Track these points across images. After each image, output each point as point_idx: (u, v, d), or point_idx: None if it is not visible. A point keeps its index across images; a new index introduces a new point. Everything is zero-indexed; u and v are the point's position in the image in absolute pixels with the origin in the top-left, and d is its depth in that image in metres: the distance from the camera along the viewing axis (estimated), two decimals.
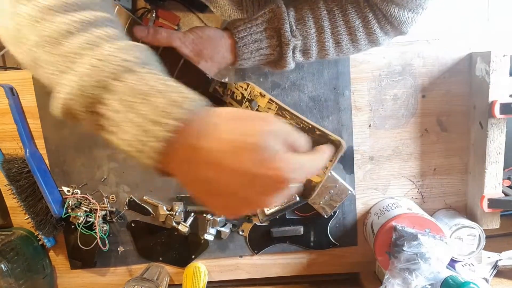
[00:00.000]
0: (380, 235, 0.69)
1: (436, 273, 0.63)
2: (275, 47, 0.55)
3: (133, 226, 0.79)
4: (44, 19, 0.32)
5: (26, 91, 0.74)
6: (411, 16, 0.55)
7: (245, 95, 0.46)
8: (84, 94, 0.31)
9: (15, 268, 0.73)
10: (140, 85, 0.30)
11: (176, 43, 0.50)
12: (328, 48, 0.57)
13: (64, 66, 0.32)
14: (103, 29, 0.34)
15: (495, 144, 0.69)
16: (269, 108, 0.44)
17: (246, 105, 0.46)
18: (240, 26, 0.54)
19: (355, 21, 0.55)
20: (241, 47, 0.54)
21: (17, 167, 0.74)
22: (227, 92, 0.47)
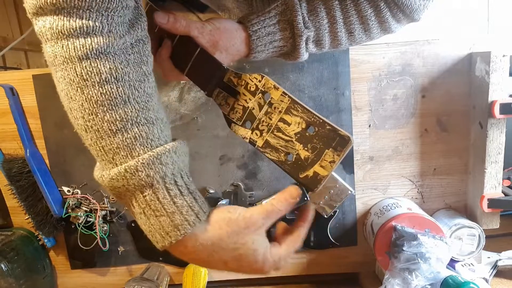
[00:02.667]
0: (380, 235, 0.69)
1: (436, 273, 0.63)
2: (288, 39, 0.55)
3: (133, 226, 0.79)
4: (93, 113, 0.38)
5: (26, 91, 0.74)
6: (422, 3, 0.55)
7: (259, 87, 0.46)
8: (114, 191, 0.39)
9: (15, 268, 0.73)
10: (154, 202, 0.38)
11: (194, 32, 0.51)
12: (341, 37, 0.57)
13: (103, 157, 0.39)
14: (141, 127, 0.39)
15: (495, 144, 0.69)
16: (281, 101, 0.45)
17: (259, 96, 0.46)
18: (253, 19, 0.54)
19: (367, 10, 0.55)
20: (255, 40, 0.54)
21: (18, 167, 0.74)
22: (241, 83, 0.47)
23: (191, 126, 0.75)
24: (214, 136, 0.75)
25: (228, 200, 0.77)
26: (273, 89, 0.46)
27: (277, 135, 0.45)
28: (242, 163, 0.77)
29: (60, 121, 0.75)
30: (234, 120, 0.47)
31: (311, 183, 0.43)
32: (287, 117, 0.45)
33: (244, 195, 0.77)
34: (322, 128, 0.43)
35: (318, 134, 0.43)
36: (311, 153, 0.43)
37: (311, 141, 0.43)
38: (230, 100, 0.48)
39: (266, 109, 0.46)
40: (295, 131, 0.44)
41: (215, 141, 0.76)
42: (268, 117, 0.45)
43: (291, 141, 0.44)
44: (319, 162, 0.43)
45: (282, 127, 0.45)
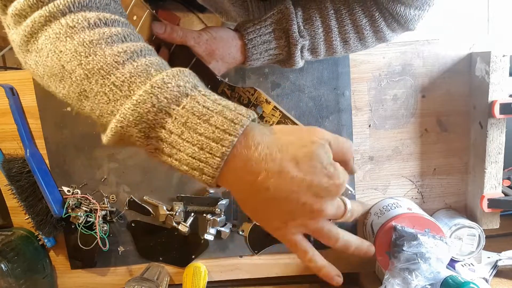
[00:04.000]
0: (380, 235, 0.69)
1: (436, 273, 0.63)
2: (283, 47, 0.56)
3: (133, 226, 0.79)
4: (90, 54, 0.33)
5: (26, 91, 0.74)
6: (417, 14, 0.55)
7: (251, 100, 0.48)
8: (142, 120, 0.32)
9: (15, 268, 0.73)
10: (197, 107, 0.32)
11: (190, 42, 0.51)
12: (336, 46, 0.58)
13: (117, 95, 0.33)
14: (148, 58, 0.35)
15: (495, 144, 0.69)
16: (273, 115, 0.46)
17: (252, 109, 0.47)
18: (249, 27, 0.55)
19: (362, 20, 0.56)
20: (250, 49, 0.55)
21: (18, 167, 0.74)
22: (234, 95, 0.48)
23: None
24: None
25: (228, 200, 0.77)
26: (265, 103, 0.47)
27: None
28: None
29: (60, 121, 0.75)
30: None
31: None
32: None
33: None
34: None
35: None
36: None
37: None
38: None
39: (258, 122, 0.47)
40: None
41: None
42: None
43: None
44: None
45: None
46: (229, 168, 0.32)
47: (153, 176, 0.77)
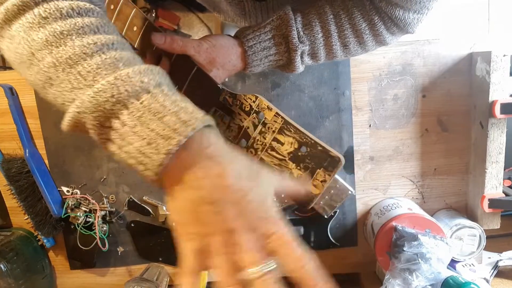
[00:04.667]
0: (381, 236, 0.69)
1: (436, 274, 0.63)
2: (283, 53, 0.56)
3: (133, 226, 0.79)
4: (60, 44, 0.34)
5: (26, 91, 0.74)
6: (416, 17, 0.55)
7: (253, 107, 0.48)
8: (99, 108, 0.32)
9: (14, 269, 0.73)
10: (155, 104, 0.32)
11: (191, 51, 0.52)
12: (336, 51, 0.58)
13: (81, 83, 0.33)
14: (119, 52, 0.35)
15: (496, 144, 0.69)
16: (275, 121, 0.46)
17: (253, 116, 0.48)
18: (249, 34, 0.55)
19: (361, 24, 0.56)
20: (250, 55, 0.55)
21: (17, 167, 0.74)
22: (236, 103, 0.49)
23: None
24: None
25: None
26: (266, 110, 0.47)
27: (271, 154, 0.46)
28: None
29: (60, 121, 0.74)
30: (230, 139, 0.49)
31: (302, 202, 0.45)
32: (280, 136, 0.46)
33: None
34: (314, 148, 0.45)
35: (310, 154, 0.45)
36: (303, 172, 0.45)
37: (304, 160, 0.45)
38: (226, 119, 0.50)
39: (260, 129, 0.47)
40: (288, 150, 0.46)
41: None
42: (262, 136, 0.47)
43: (285, 160, 0.46)
44: (311, 181, 0.45)
45: (276, 146, 0.46)
46: (173, 168, 0.32)
47: None
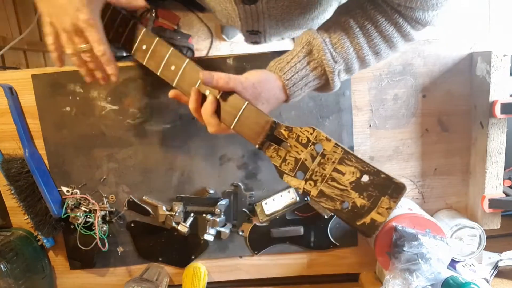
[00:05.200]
0: (381, 236, 0.69)
1: (436, 274, 0.63)
2: (321, 76, 0.57)
3: (133, 227, 0.79)
4: None
5: (26, 91, 0.74)
6: (435, 13, 0.55)
7: (310, 139, 0.48)
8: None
9: (14, 269, 0.73)
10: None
11: (238, 88, 0.53)
12: (369, 60, 0.58)
13: None
14: None
15: (496, 144, 0.69)
16: (334, 152, 0.46)
17: (311, 148, 0.47)
18: (285, 67, 0.57)
19: (389, 29, 0.56)
20: (291, 87, 0.57)
21: (17, 167, 0.74)
22: (292, 136, 0.49)
23: (191, 126, 0.75)
24: (214, 136, 0.75)
25: (227, 200, 0.77)
26: (325, 141, 0.47)
27: (332, 185, 0.46)
28: (242, 163, 0.76)
29: (59, 121, 0.75)
30: (286, 172, 0.48)
31: (368, 229, 0.44)
32: (341, 167, 0.46)
33: (244, 195, 0.77)
34: (377, 176, 0.45)
35: (373, 182, 0.45)
36: (367, 201, 0.44)
37: (367, 189, 0.45)
38: (282, 153, 0.49)
39: (319, 160, 0.47)
40: (350, 180, 0.45)
41: (215, 141, 0.76)
42: (321, 168, 0.47)
43: (346, 190, 0.45)
44: (376, 209, 0.44)
45: (337, 177, 0.46)
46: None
47: (152, 176, 0.77)
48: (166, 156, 0.76)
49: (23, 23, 1.34)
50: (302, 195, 0.48)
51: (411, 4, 0.52)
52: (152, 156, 0.76)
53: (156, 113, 0.74)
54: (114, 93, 0.74)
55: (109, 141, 0.75)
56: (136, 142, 0.75)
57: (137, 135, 0.75)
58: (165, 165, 0.76)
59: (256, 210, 0.77)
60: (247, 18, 0.66)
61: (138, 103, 0.74)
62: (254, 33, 0.73)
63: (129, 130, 0.75)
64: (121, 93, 0.74)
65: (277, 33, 0.73)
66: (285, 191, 0.76)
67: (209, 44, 1.73)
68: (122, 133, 0.75)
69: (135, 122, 0.75)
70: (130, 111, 0.74)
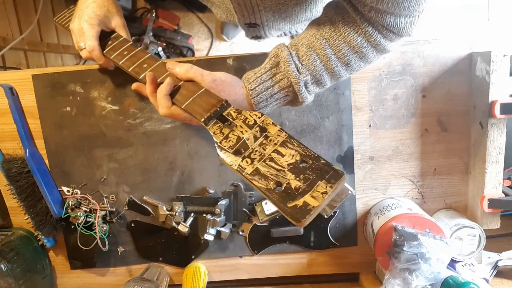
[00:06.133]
0: (380, 235, 0.69)
1: (436, 273, 0.63)
2: (287, 88, 0.57)
3: (133, 226, 0.79)
4: None
5: (26, 91, 0.74)
6: (409, 21, 0.54)
7: (257, 122, 0.48)
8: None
9: (15, 268, 0.73)
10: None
11: (197, 78, 0.54)
12: (339, 72, 0.58)
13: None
14: None
15: (495, 144, 0.69)
16: (278, 135, 0.46)
17: (256, 129, 0.47)
18: (251, 78, 0.58)
19: (357, 39, 0.56)
20: (255, 97, 0.58)
21: (17, 167, 0.74)
22: (240, 117, 0.49)
23: (191, 126, 0.75)
24: None
25: (228, 200, 0.77)
26: (271, 125, 0.47)
27: (269, 164, 0.45)
28: None
29: (60, 121, 0.75)
30: (225, 148, 0.48)
31: (299, 212, 0.41)
32: (282, 149, 0.45)
33: (244, 195, 0.77)
34: (317, 161, 0.43)
35: (312, 166, 0.43)
36: (303, 183, 0.42)
37: (304, 172, 0.43)
38: (225, 130, 0.49)
39: (261, 141, 0.46)
40: (289, 162, 0.44)
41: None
42: (262, 148, 0.46)
43: (283, 171, 0.44)
44: (311, 192, 0.42)
45: (275, 157, 0.45)
46: None
47: (152, 176, 0.77)
48: (167, 156, 0.76)
49: (23, 23, 1.34)
50: (237, 170, 0.46)
51: (381, 6, 0.51)
52: (152, 156, 0.76)
53: (156, 113, 0.75)
54: (115, 93, 0.74)
55: (109, 141, 0.75)
56: (136, 142, 0.76)
57: (138, 135, 0.75)
58: (165, 165, 0.77)
59: (256, 210, 0.77)
60: (242, 10, 0.66)
61: (139, 103, 0.74)
62: (253, 26, 0.73)
63: (130, 130, 0.75)
64: (122, 93, 0.74)
65: (276, 26, 0.73)
66: None
67: (209, 44, 1.73)
68: (122, 133, 0.75)
69: (135, 122, 0.75)
70: (130, 111, 0.74)
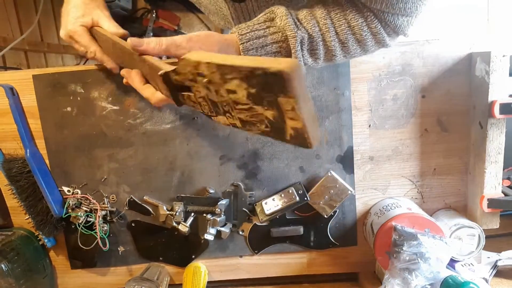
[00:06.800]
0: (380, 235, 0.69)
1: (435, 273, 0.63)
2: (280, 42, 0.53)
3: (133, 226, 0.79)
4: None
5: (26, 91, 0.74)
6: (406, 20, 0.55)
7: (192, 72, 0.40)
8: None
9: (15, 268, 0.73)
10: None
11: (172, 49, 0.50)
12: (335, 48, 0.56)
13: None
14: None
15: (495, 144, 0.69)
16: (212, 73, 0.38)
17: (200, 79, 0.40)
18: (242, 26, 0.54)
19: (358, 20, 0.55)
20: (245, 43, 0.52)
21: (18, 167, 0.74)
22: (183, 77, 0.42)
23: (191, 126, 0.75)
24: (214, 136, 0.75)
25: (228, 200, 0.77)
26: (199, 65, 0.39)
27: (240, 108, 0.38)
28: (242, 163, 0.77)
29: (60, 121, 0.75)
30: (209, 114, 0.43)
31: (300, 140, 0.36)
32: (229, 85, 0.37)
33: (244, 195, 0.77)
34: (255, 77, 0.34)
35: (259, 86, 0.35)
36: (273, 109, 0.35)
37: (262, 96, 0.35)
38: (194, 97, 0.44)
39: (213, 89, 0.39)
40: (244, 95, 0.37)
41: (215, 141, 0.76)
42: (220, 96, 0.39)
43: (252, 108, 0.37)
44: (286, 115, 0.35)
45: (236, 98, 0.38)
46: None
47: (153, 176, 0.77)
48: (167, 156, 0.76)
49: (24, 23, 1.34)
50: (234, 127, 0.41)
51: (377, 6, 0.51)
52: (152, 156, 0.76)
53: (156, 113, 0.75)
54: (115, 94, 0.74)
55: (110, 141, 0.76)
56: (136, 142, 0.76)
57: (138, 135, 0.75)
58: (166, 165, 0.77)
59: (256, 210, 0.77)
60: (239, 17, 0.66)
61: (139, 103, 0.74)
62: None
63: (130, 130, 0.75)
64: (122, 93, 0.74)
65: None
66: (285, 190, 0.76)
67: None
68: (123, 133, 0.75)
69: (135, 122, 0.75)
70: (130, 111, 0.75)
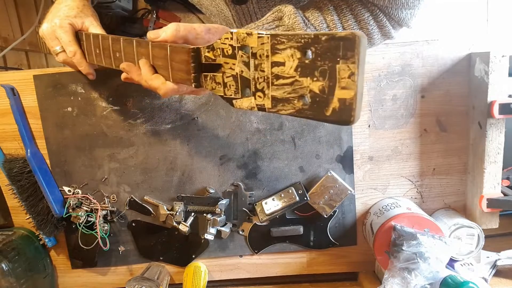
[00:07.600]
0: (380, 235, 0.69)
1: (435, 273, 0.63)
2: None
3: (134, 226, 0.79)
4: None
5: (27, 91, 0.75)
6: (409, 12, 0.56)
7: (234, 45, 0.39)
8: None
9: (16, 268, 0.73)
10: None
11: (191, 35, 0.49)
12: None
13: None
14: None
15: (494, 144, 0.70)
16: (262, 44, 0.37)
17: (240, 54, 0.39)
18: (251, 25, 0.54)
19: (364, 14, 0.56)
20: None
21: (18, 167, 0.74)
22: (217, 53, 0.41)
23: (191, 126, 0.75)
24: (214, 136, 0.76)
25: (228, 199, 0.77)
26: (247, 38, 0.37)
27: (279, 83, 0.36)
28: (242, 163, 0.77)
29: (61, 121, 0.75)
30: (233, 96, 0.41)
31: (342, 115, 0.33)
32: (276, 57, 0.36)
33: (244, 195, 0.78)
34: (318, 43, 0.33)
35: (318, 53, 0.33)
36: (324, 80, 0.33)
37: (315, 66, 0.34)
38: (219, 78, 0.42)
39: (254, 63, 0.38)
40: (293, 66, 0.35)
41: (215, 141, 0.76)
42: (260, 71, 0.37)
43: (296, 80, 0.35)
44: (338, 84, 0.33)
45: (279, 72, 0.36)
46: None
47: (153, 176, 0.77)
48: (167, 156, 0.77)
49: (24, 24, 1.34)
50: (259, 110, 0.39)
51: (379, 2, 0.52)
52: (153, 156, 0.77)
53: (157, 114, 0.75)
54: (116, 94, 0.74)
55: (110, 141, 0.76)
56: (137, 142, 0.76)
57: (138, 135, 0.76)
58: (166, 165, 0.77)
59: (256, 210, 0.77)
60: (241, 19, 0.66)
61: (139, 104, 0.75)
62: None
63: (130, 130, 0.76)
64: (122, 93, 0.74)
65: None
66: (285, 190, 0.76)
67: None
68: (123, 133, 0.76)
69: (136, 122, 0.75)
70: (131, 111, 0.75)
